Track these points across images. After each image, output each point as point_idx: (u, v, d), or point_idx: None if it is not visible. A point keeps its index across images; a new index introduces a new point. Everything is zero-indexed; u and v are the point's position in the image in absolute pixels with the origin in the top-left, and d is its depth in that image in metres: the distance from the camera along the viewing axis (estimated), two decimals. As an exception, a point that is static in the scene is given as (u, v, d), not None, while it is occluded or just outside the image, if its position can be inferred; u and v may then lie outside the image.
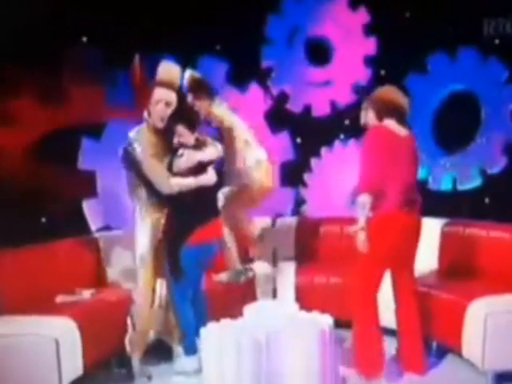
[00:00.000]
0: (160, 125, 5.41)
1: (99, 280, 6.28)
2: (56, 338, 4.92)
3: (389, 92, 5.39)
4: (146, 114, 5.47)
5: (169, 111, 5.43)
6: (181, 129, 5.38)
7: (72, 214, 7.02)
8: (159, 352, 5.83)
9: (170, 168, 5.38)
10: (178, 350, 5.67)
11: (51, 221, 7.14)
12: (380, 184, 5.12)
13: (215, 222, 5.60)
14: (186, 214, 5.38)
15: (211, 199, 5.61)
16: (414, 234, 5.36)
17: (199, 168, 5.39)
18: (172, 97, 5.46)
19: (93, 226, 7.03)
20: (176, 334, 5.68)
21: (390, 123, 5.27)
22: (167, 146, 5.44)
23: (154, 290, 5.60)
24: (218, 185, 5.64)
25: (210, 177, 5.44)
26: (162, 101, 5.39)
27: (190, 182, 5.33)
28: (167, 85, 5.43)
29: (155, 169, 5.33)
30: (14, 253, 5.74)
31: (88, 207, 7.08)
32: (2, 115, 6.47)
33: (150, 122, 5.44)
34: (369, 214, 5.12)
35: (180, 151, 5.39)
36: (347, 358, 5.44)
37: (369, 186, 5.09)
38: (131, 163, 5.42)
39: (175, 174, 5.35)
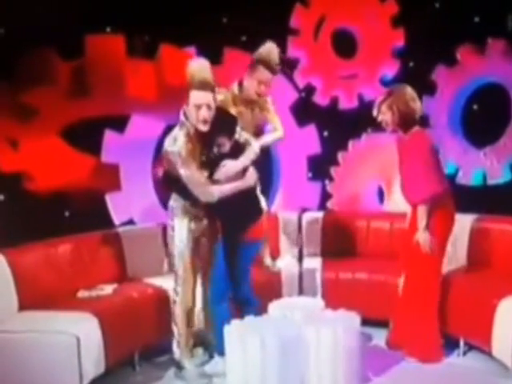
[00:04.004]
0: (204, 129, 5.12)
1: (121, 274, 6.21)
2: (77, 334, 4.88)
3: (418, 106, 5.59)
4: (183, 117, 5.20)
5: (211, 114, 5.12)
6: (222, 139, 5.20)
7: (95, 208, 6.96)
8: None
9: (209, 175, 5.20)
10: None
11: (74, 215, 7.10)
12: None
13: (262, 219, 5.51)
14: (234, 214, 5.23)
15: (254, 196, 5.50)
16: None
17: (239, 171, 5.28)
18: (211, 99, 5.14)
19: (116, 220, 6.98)
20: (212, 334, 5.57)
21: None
22: (203, 151, 5.22)
23: (193, 290, 5.52)
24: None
25: (250, 179, 5.28)
26: (204, 104, 5.08)
27: (231, 187, 5.16)
28: (205, 87, 5.10)
29: (194, 178, 5.14)
30: (36, 247, 5.73)
31: (111, 201, 7.02)
32: (25, 107, 6.41)
33: (190, 126, 5.17)
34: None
35: (223, 162, 5.18)
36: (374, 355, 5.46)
37: (435, 192, 5.45)
38: (169, 170, 5.29)
39: (215, 181, 5.19)
